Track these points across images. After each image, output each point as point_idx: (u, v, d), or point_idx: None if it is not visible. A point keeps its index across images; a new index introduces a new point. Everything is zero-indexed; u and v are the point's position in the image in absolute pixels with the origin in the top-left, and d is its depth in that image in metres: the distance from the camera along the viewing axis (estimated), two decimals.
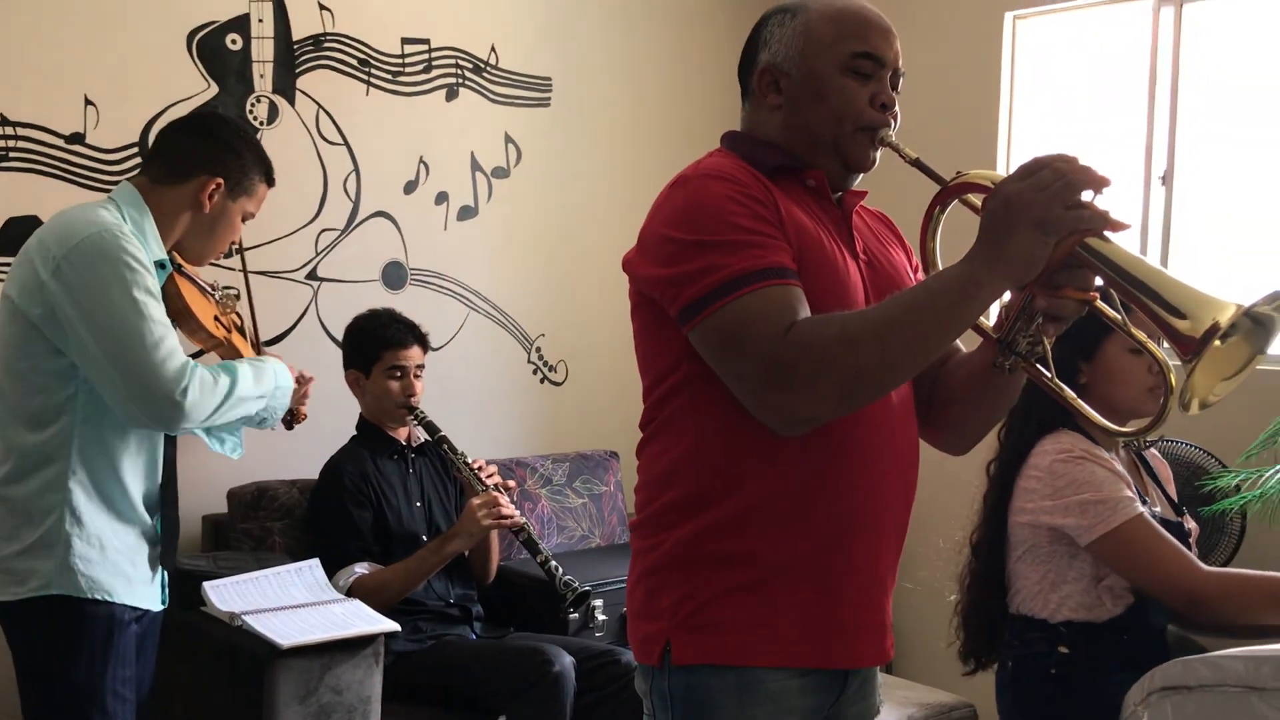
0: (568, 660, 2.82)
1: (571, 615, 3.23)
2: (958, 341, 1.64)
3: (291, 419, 2.54)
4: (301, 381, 2.52)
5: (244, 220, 2.31)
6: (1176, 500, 2.39)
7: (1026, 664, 2.23)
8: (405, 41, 3.63)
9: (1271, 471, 2.70)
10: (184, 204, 2.21)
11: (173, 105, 3.19)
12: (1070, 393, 1.51)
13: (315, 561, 2.84)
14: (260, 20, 3.34)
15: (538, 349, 3.99)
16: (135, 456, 2.14)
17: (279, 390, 2.32)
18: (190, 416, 2.07)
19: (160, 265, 2.17)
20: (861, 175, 1.64)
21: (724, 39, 4.16)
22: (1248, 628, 2.09)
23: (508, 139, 3.86)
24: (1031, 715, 2.24)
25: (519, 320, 3.94)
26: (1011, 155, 3.95)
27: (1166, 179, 3.64)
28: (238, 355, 2.36)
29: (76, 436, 2.07)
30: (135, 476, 2.15)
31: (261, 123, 3.35)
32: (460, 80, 3.74)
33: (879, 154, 1.61)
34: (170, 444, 2.24)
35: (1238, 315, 1.26)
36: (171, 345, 2.06)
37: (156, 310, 2.06)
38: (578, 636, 3.21)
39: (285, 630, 2.53)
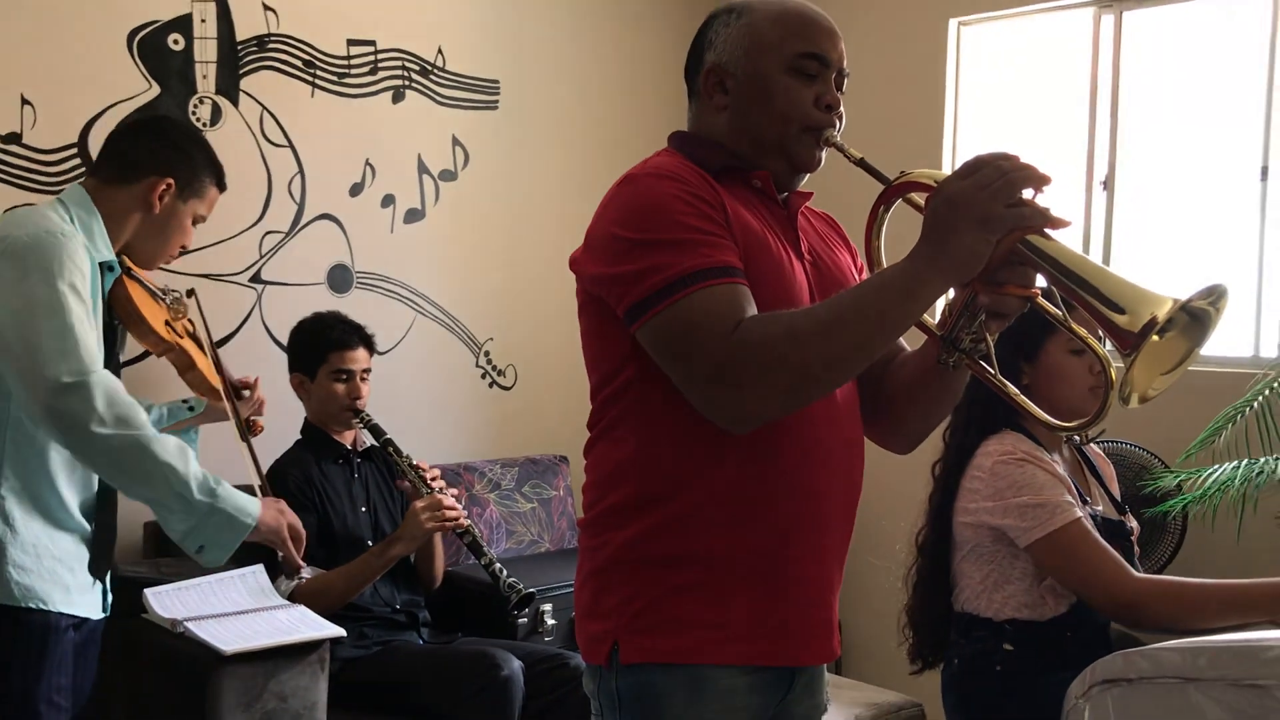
0: (516, 664, 2.80)
1: (520, 620, 3.22)
2: (902, 340, 1.65)
3: (249, 428, 2.50)
4: (249, 387, 2.50)
5: (195, 224, 2.28)
6: (1119, 499, 2.42)
7: (972, 662, 2.25)
8: (351, 43, 3.60)
9: (1209, 471, 2.75)
10: (134, 205, 2.18)
11: (113, 106, 3.14)
12: (1013, 388, 1.53)
13: (259, 567, 2.80)
14: (203, 20, 3.30)
15: (486, 353, 3.97)
16: (71, 462, 2.10)
17: (219, 516, 2.00)
18: (77, 403, 1.88)
19: (109, 267, 2.14)
20: (807, 175, 1.65)
21: (671, 40, 4.17)
22: (1180, 632, 2.12)
23: (455, 141, 3.85)
24: (977, 712, 2.26)
25: (467, 324, 3.92)
26: (956, 158, 4.00)
27: (1108, 183, 3.70)
28: (190, 362, 2.33)
29: (9, 442, 2.02)
30: (71, 483, 2.10)
31: (204, 124, 3.30)
32: (407, 82, 3.72)
33: (824, 154, 1.62)
34: None
35: (1175, 310, 1.28)
36: (82, 337, 1.93)
37: (77, 307, 1.96)
38: (526, 641, 3.20)
39: (228, 636, 2.49)
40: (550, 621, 3.28)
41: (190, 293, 2.46)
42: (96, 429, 1.90)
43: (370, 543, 3.03)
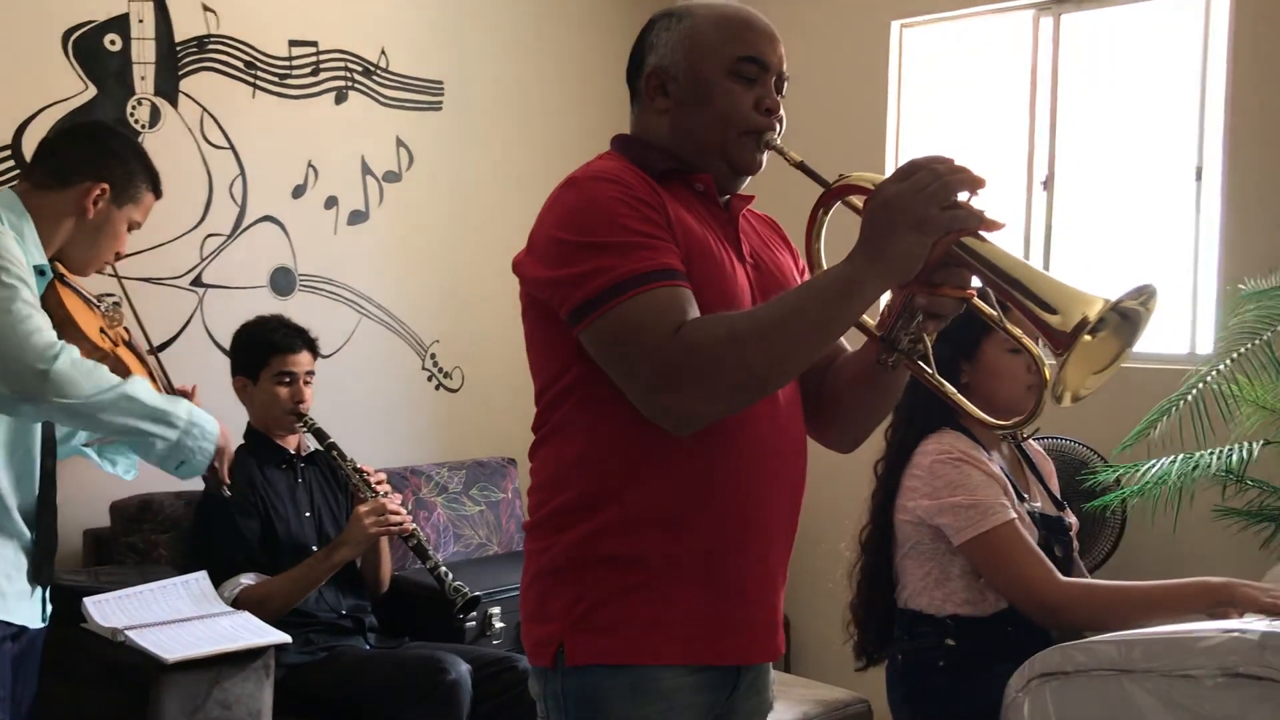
0: (464, 668, 2.79)
1: (468, 623, 3.20)
2: (843, 341, 1.67)
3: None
4: (186, 396, 2.47)
5: (130, 230, 2.26)
6: (1059, 496, 2.46)
7: (915, 657, 2.27)
8: (293, 44, 3.57)
9: (1147, 465, 2.80)
10: (67, 210, 2.16)
11: (48, 107, 3.09)
12: (950, 388, 1.55)
13: (202, 574, 2.77)
14: (140, 20, 3.25)
15: (432, 355, 3.95)
16: (10, 466, 2.07)
17: (196, 429, 2.15)
18: (59, 388, 1.96)
19: (40, 271, 2.11)
20: (749, 178, 1.66)
21: (614, 42, 4.17)
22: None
23: (399, 142, 3.83)
24: (921, 707, 2.29)
25: (413, 326, 3.90)
26: (900, 160, 4.03)
27: (1048, 183, 3.75)
28: (125, 371, 2.31)
29: None
30: (10, 486, 2.07)
31: (143, 126, 3.26)
32: (350, 83, 3.70)
33: (765, 157, 1.63)
34: (49, 453, 2.17)
35: (1105, 309, 1.30)
36: (41, 324, 1.99)
37: (25, 291, 1.99)
38: (475, 644, 3.19)
39: (171, 644, 2.47)
40: (499, 625, 3.27)
41: (117, 304, 2.43)
42: (83, 398, 1.99)
43: (315, 548, 3.00)
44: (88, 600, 2.59)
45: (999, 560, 2.14)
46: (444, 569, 2.97)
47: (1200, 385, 2.76)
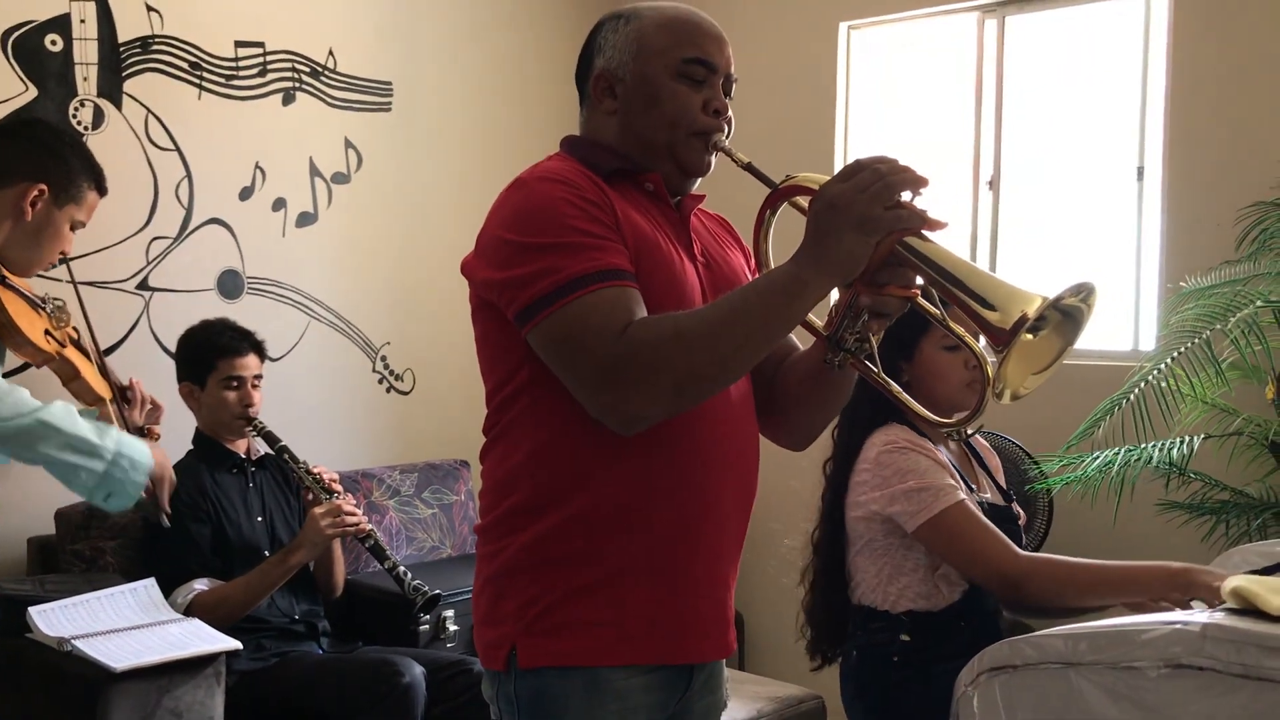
0: (418, 671, 2.78)
1: (422, 626, 3.19)
2: (794, 338, 1.69)
3: (144, 436, 2.44)
4: (129, 389, 2.43)
5: (73, 229, 2.22)
6: (1006, 488, 2.49)
7: (870, 653, 2.29)
8: (239, 44, 3.53)
9: (1090, 458, 2.84)
10: (3, 212, 2.12)
11: None
12: (896, 386, 1.57)
13: (151, 581, 2.74)
14: (82, 21, 3.21)
15: (383, 358, 3.93)
16: None
17: (125, 459, 2.06)
18: None
19: None
20: (698, 180, 1.67)
21: (563, 43, 4.18)
22: (1062, 610, 2.19)
23: (348, 144, 3.80)
24: (875, 702, 2.30)
25: (363, 329, 3.87)
26: (848, 160, 4.05)
27: (994, 184, 3.80)
28: (74, 371, 2.27)
29: None
30: None
31: (86, 128, 3.21)
32: (297, 84, 3.67)
33: (713, 159, 1.64)
34: None
35: (1044, 307, 1.32)
36: None
37: None
38: (429, 648, 3.17)
39: (119, 653, 2.43)
40: (452, 627, 3.26)
41: (61, 305, 2.38)
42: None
43: (267, 552, 2.97)
44: (33, 610, 2.55)
45: (956, 539, 2.16)
46: (403, 569, 2.96)
47: (1142, 383, 2.81)
